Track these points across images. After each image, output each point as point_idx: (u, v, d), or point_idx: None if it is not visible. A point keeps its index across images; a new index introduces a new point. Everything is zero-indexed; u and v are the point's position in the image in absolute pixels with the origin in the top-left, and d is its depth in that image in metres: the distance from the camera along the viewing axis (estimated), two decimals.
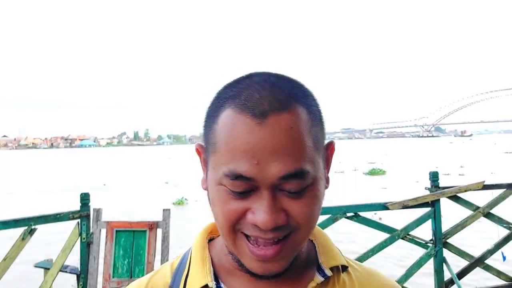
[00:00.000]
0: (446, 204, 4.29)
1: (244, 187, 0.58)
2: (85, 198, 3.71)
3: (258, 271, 0.61)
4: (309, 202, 0.59)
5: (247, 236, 0.60)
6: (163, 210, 3.93)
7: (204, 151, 0.66)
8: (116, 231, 3.69)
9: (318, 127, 0.62)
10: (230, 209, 0.59)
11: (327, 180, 0.66)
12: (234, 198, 0.59)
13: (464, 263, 4.36)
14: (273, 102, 0.58)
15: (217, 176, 0.60)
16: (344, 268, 0.71)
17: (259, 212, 0.57)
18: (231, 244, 0.62)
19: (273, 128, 0.57)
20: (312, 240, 0.73)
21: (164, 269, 0.73)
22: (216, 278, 0.67)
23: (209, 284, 0.66)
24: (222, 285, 0.67)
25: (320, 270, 0.69)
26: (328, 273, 0.68)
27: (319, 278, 0.67)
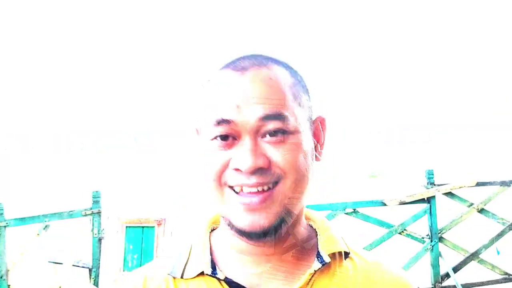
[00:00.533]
0: (441, 201, 4.44)
1: (226, 130, 0.61)
2: (96, 196, 3.88)
3: (245, 225, 0.61)
4: (290, 148, 0.62)
5: (234, 191, 0.62)
6: (170, 207, 4.10)
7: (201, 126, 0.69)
8: (126, 227, 3.86)
9: (299, 87, 0.67)
10: (215, 159, 0.62)
11: (319, 154, 0.70)
12: (219, 150, 0.62)
13: (459, 257, 4.49)
14: (254, 61, 0.65)
15: (206, 132, 0.64)
16: (346, 254, 0.70)
17: (241, 155, 0.60)
18: (219, 200, 0.64)
19: (253, 77, 0.63)
20: (315, 229, 0.73)
21: (164, 258, 0.73)
22: (214, 265, 0.68)
23: (205, 271, 0.66)
24: (217, 271, 0.67)
25: (319, 257, 0.67)
26: (326, 259, 0.66)
27: (317, 264, 0.66)
